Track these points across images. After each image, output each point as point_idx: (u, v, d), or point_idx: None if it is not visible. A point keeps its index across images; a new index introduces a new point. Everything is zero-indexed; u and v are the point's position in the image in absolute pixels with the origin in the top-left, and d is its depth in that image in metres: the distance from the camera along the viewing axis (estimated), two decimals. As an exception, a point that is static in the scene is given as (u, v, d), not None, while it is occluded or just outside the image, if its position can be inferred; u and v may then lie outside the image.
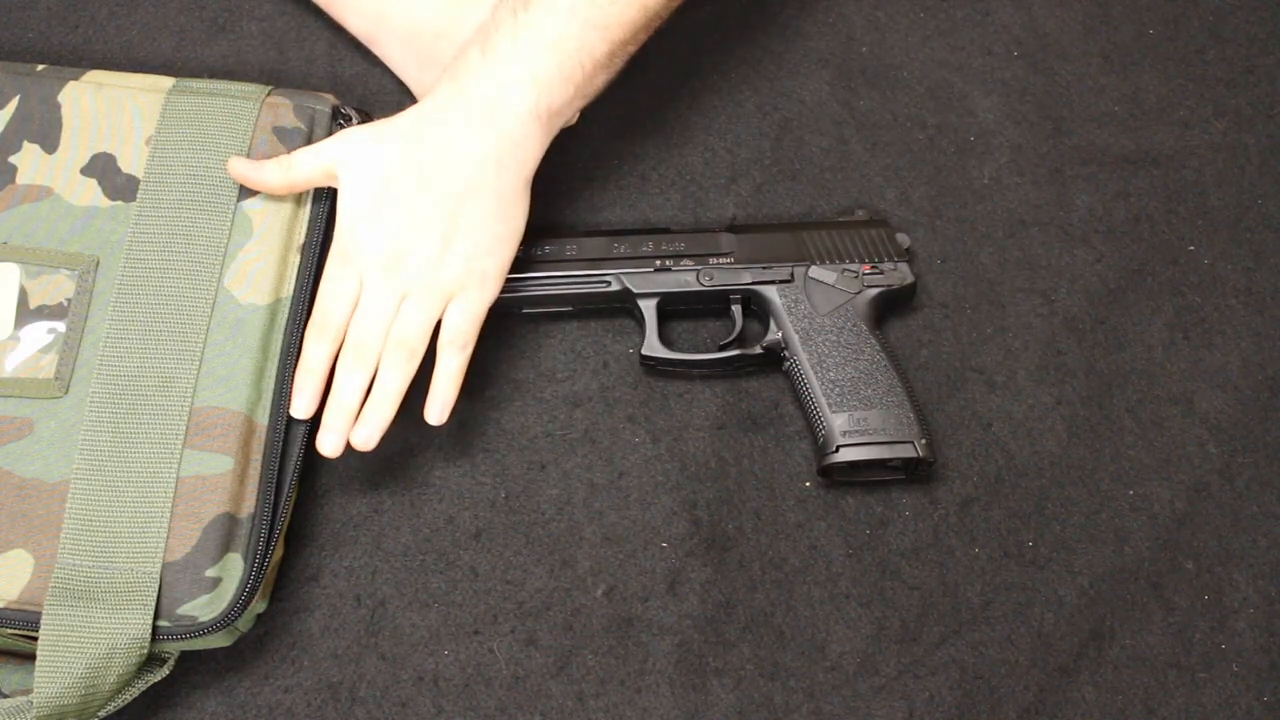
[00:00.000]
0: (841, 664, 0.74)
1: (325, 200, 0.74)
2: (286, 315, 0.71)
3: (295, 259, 0.72)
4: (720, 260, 0.79)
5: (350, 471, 0.77)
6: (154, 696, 0.72)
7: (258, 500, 0.68)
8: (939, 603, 0.75)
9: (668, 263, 0.79)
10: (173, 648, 0.68)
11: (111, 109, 0.73)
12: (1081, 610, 0.75)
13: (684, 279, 0.79)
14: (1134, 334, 0.82)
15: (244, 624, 0.69)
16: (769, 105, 0.87)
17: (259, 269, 0.71)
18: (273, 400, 0.70)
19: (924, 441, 0.75)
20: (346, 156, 0.71)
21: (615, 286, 0.78)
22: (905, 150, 0.86)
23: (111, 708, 0.67)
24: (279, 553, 0.72)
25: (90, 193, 0.71)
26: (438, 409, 0.73)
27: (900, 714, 0.72)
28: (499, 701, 0.72)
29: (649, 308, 0.78)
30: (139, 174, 0.72)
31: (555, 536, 0.76)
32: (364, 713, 0.72)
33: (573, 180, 0.84)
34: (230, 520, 0.67)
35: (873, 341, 0.77)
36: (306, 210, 0.73)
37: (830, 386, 0.76)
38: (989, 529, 0.77)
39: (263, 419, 0.69)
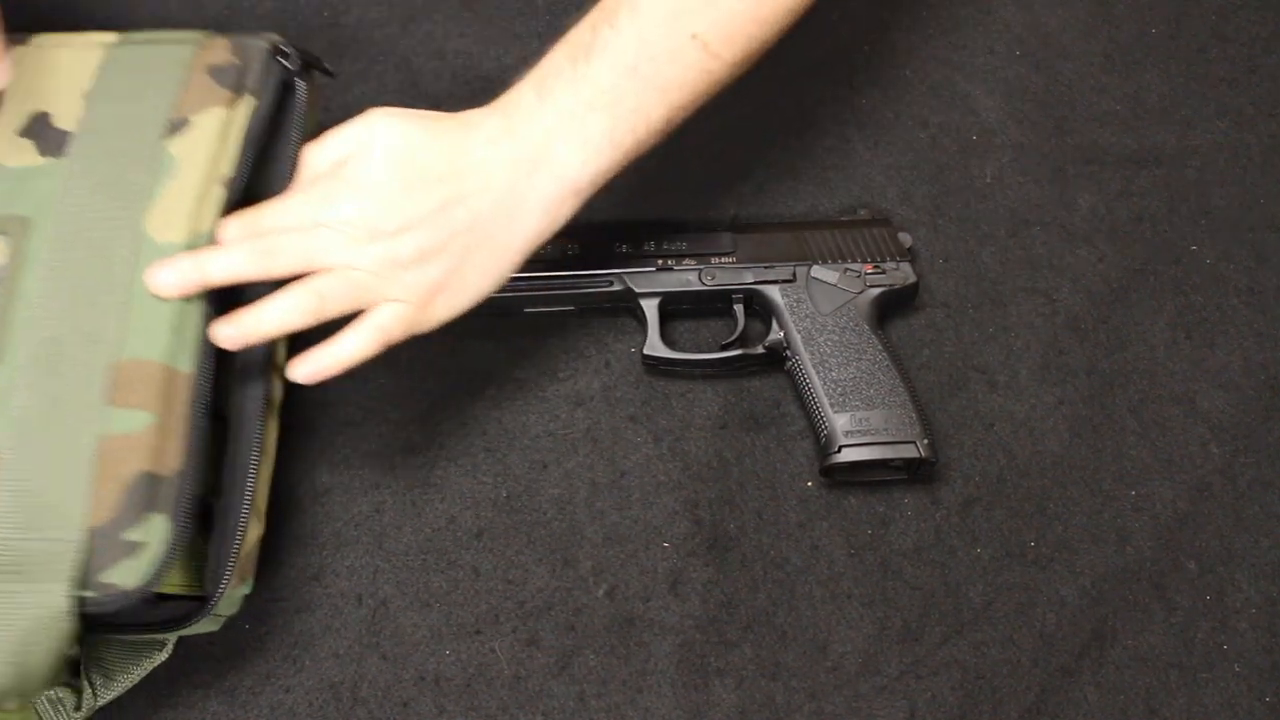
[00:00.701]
0: (843, 664, 0.74)
1: (254, 126, 0.68)
2: None
3: (218, 192, 0.66)
4: (722, 260, 0.79)
5: (351, 470, 0.77)
6: (155, 696, 0.72)
7: (184, 456, 0.63)
8: (941, 602, 0.75)
9: (669, 262, 0.79)
10: (156, 636, 0.67)
11: (53, 69, 0.69)
12: (1083, 610, 0.75)
13: (686, 278, 0.79)
14: (1136, 334, 0.82)
15: (226, 608, 0.67)
16: (770, 104, 0.87)
17: (176, 206, 0.65)
18: (198, 346, 0.64)
19: (926, 441, 0.75)
20: (372, 121, 0.66)
21: (617, 286, 0.78)
22: (907, 149, 0.86)
23: (114, 693, 0.67)
24: (257, 531, 0.69)
25: (26, 154, 0.67)
26: (306, 370, 0.66)
27: (902, 714, 0.72)
28: (500, 701, 0.72)
29: (651, 307, 0.78)
30: (74, 129, 0.67)
31: (557, 536, 0.76)
32: (365, 712, 0.72)
33: (574, 179, 0.84)
34: (152, 479, 0.62)
35: (875, 341, 0.77)
36: (235, 141, 0.67)
37: (832, 386, 0.76)
38: (991, 529, 0.77)
39: (186, 366, 0.63)
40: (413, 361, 0.80)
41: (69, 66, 0.69)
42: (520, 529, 0.76)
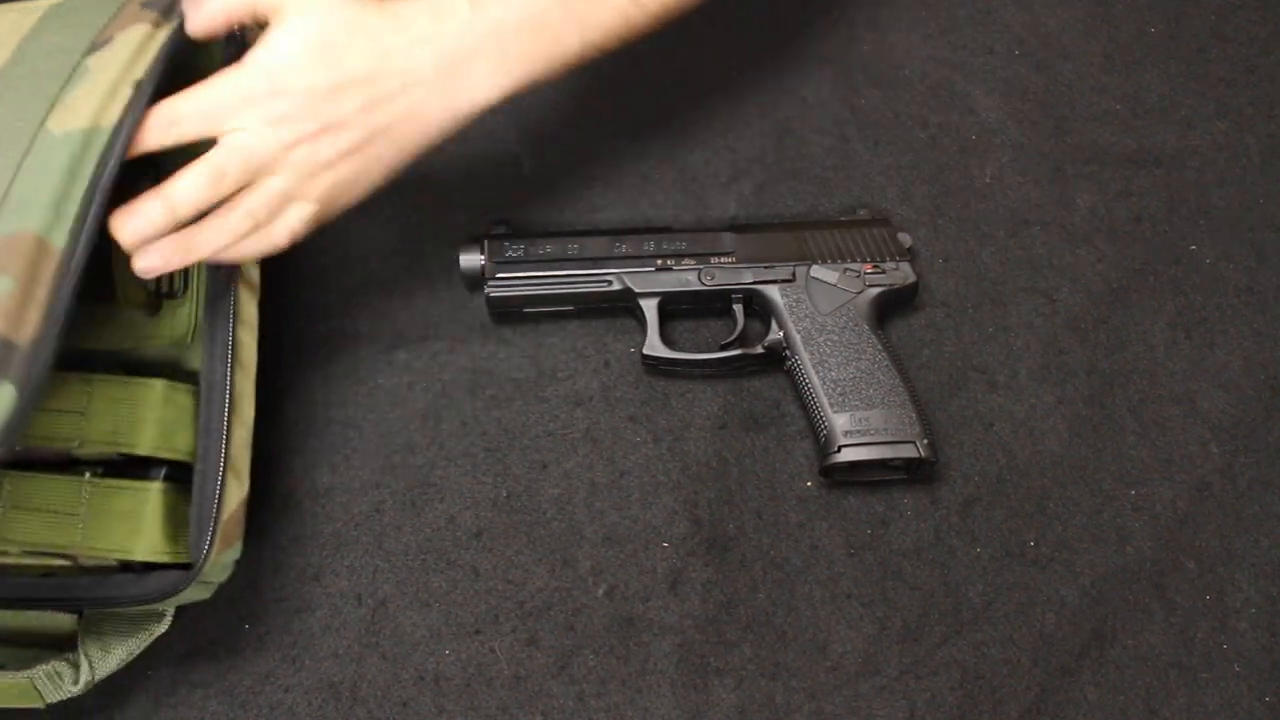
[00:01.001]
0: (843, 664, 0.74)
1: (173, 40, 0.67)
2: (104, 144, 0.64)
3: (127, 92, 0.65)
4: (721, 260, 0.79)
5: (352, 471, 0.77)
6: (155, 696, 0.72)
7: (42, 326, 0.61)
8: (940, 602, 0.75)
9: (669, 262, 0.79)
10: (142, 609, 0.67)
11: (10, 25, 0.70)
12: (1083, 610, 0.75)
13: (685, 278, 0.79)
14: (1136, 333, 0.82)
15: (215, 574, 0.68)
16: (770, 104, 0.87)
17: (82, 105, 0.65)
18: (75, 225, 0.62)
19: (926, 441, 0.75)
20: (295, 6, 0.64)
21: (616, 286, 0.78)
22: (907, 149, 0.86)
23: (112, 666, 0.67)
24: (240, 493, 0.69)
25: None
26: (157, 257, 0.64)
27: (902, 714, 0.72)
28: (500, 701, 0.72)
29: (650, 307, 0.78)
30: (2, 65, 0.67)
31: (556, 536, 0.76)
32: (365, 712, 0.72)
33: (573, 180, 0.84)
34: (4, 344, 0.59)
35: (874, 341, 0.77)
36: (152, 53, 0.66)
37: (832, 386, 0.76)
38: (990, 529, 0.77)
39: (60, 241, 0.62)
40: (412, 362, 0.80)
41: (12, 22, 0.69)
42: (520, 529, 0.76)
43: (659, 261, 0.79)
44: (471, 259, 0.78)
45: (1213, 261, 0.84)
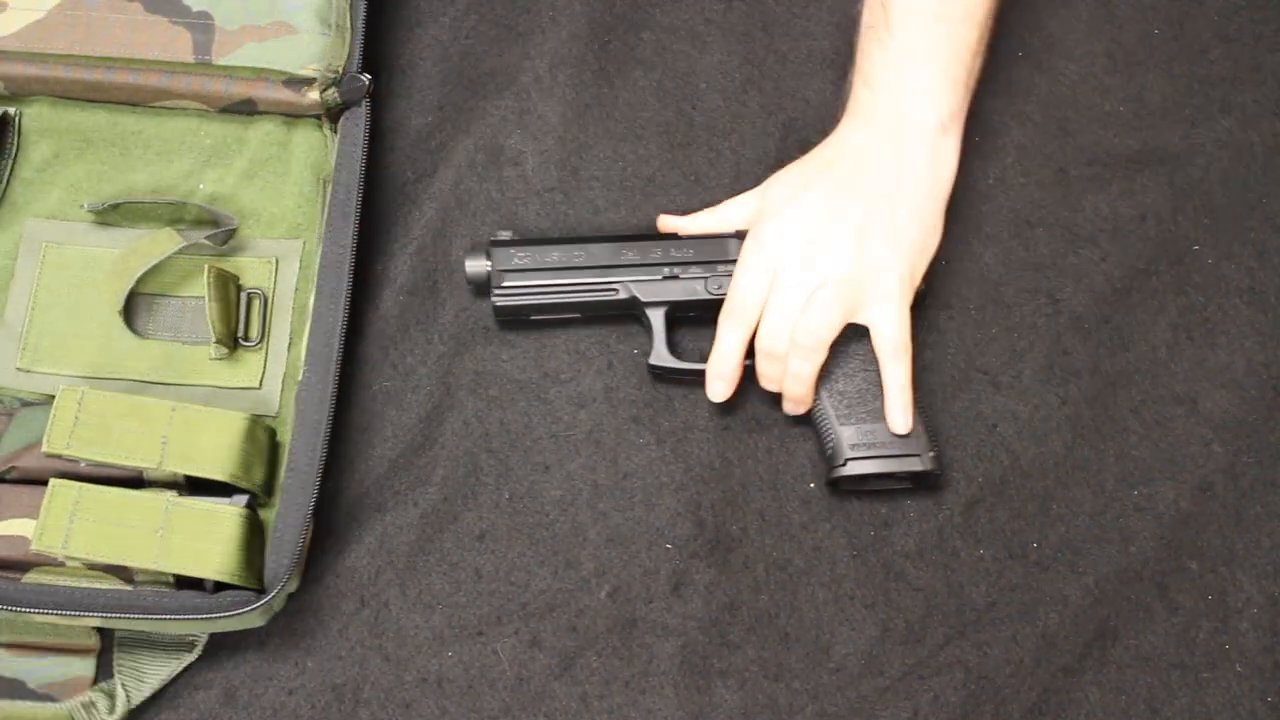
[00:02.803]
0: (846, 665, 0.74)
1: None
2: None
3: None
4: (729, 268, 0.78)
5: (354, 472, 0.77)
6: (156, 696, 0.72)
7: None
8: (944, 604, 0.75)
9: (676, 270, 0.78)
10: (206, 627, 0.69)
11: None
12: (1086, 610, 0.75)
13: (692, 287, 0.78)
14: (1139, 334, 0.82)
15: (277, 602, 0.69)
16: (773, 106, 0.86)
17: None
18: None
19: (932, 454, 0.75)
20: (771, 205, 0.77)
21: (623, 294, 0.78)
22: (909, 150, 0.86)
23: (145, 694, 0.70)
24: (310, 529, 0.71)
25: None
26: (897, 419, 0.75)
27: (905, 715, 0.72)
28: (503, 703, 0.72)
29: (657, 316, 0.78)
30: None
31: (559, 538, 0.76)
32: (367, 714, 0.72)
33: (577, 183, 0.84)
34: None
35: None
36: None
37: (838, 399, 0.75)
38: (994, 530, 0.77)
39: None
40: (414, 363, 0.80)
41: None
42: (522, 530, 0.76)
43: (666, 270, 0.78)
44: (478, 266, 0.78)
45: (1216, 262, 0.84)
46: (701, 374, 0.78)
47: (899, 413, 0.74)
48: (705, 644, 0.74)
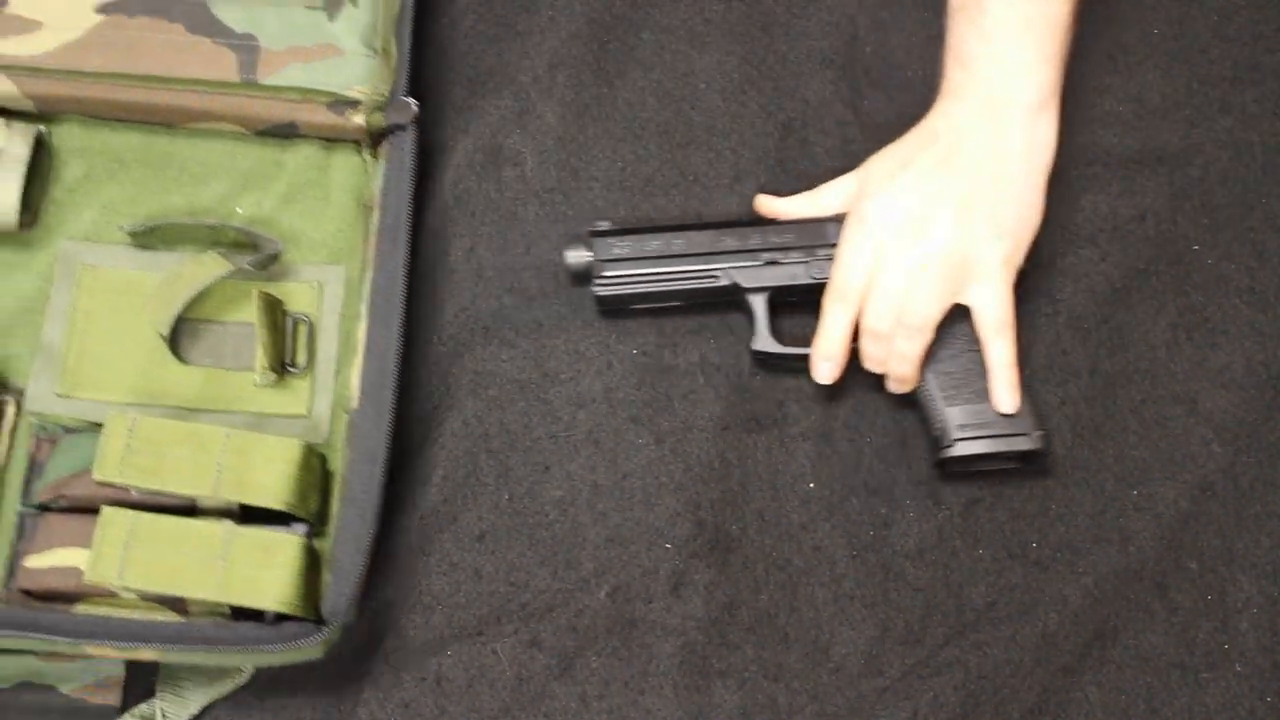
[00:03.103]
0: (845, 665, 0.74)
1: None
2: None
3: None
4: (829, 251, 0.78)
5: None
6: (158, 698, 0.72)
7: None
8: (943, 604, 0.75)
9: (776, 255, 0.78)
10: (266, 659, 0.68)
11: None
12: (1085, 610, 0.75)
13: (793, 272, 0.78)
14: (1138, 334, 0.82)
15: (335, 634, 0.69)
16: (773, 105, 0.86)
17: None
18: None
19: (1040, 433, 0.75)
20: (871, 184, 0.76)
21: (724, 281, 0.77)
22: (909, 150, 0.86)
23: (183, 716, 0.70)
24: (367, 561, 0.70)
25: None
26: (1004, 397, 0.74)
27: (904, 715, 0.72)
28: (502, 703, 0.72)
29: (759, 302, 0.78)
30: None
31: (559, 538, 0.76)
32: (367, 714, 0.72)
33: (576, 183, 0.84)
34: None
35: None
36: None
37: (944, 379, 0.75)
38: (993, 530, 0.77)
39: None
40: (414, 364, 0.80)
41: None
42: (522, 531, 0.76)
43: (766, 255, 0.78)
44: (579, 256, 0.78)
45: (1214, 261, 0.84)
46: (806, 358, 0.77)
47: (1005, 391, 0.74)
48: (705, 644, 0.74)
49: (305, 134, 0.80)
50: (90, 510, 0.69)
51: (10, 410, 0.73)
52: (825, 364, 0.76)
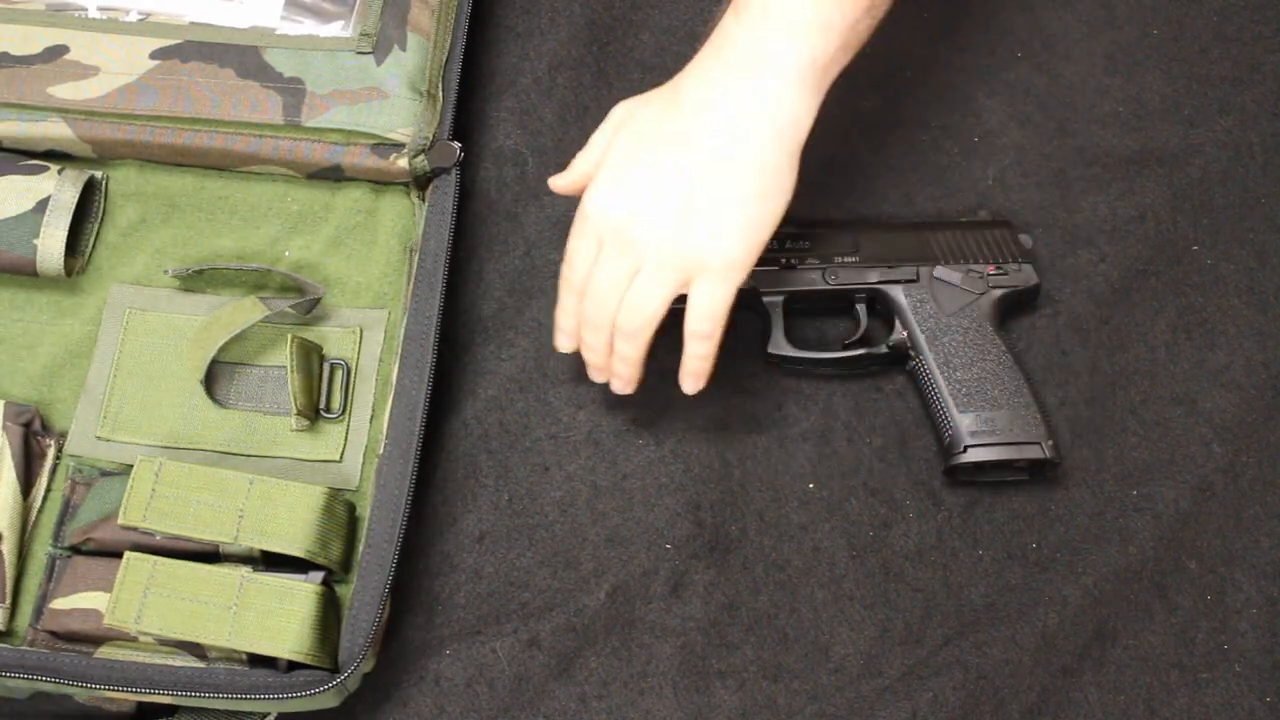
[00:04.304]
0: (845, 666, 0.74)
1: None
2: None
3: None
4: (845, 259, 0.78)
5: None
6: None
7: None
8: (942, 604, 0.75)
9: (793, 261, 0.78)
10: (278, 707, 0.67)
11: None
12: (1085, 611, 0.75)
13: (810, 278, 0.78)
14: (1137, 334, 0.82)
15: (351, 683, 0.68)
16: (772, 105, 0.86)
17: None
18: None
19: (1051, 443, 0.75)
20: (615, 121, 0.72)
21: (743, 284, 0.78)
22: (909, 151, 0.86)
23: None
24: (387, 608, 0.70)
25: None
26: (689, 382, 0.72)
27: (904, 715, 0.72)
28: (501, 703, 0.72)
29: (775, 306, 0.78)
30: None
31: (558, 538, 0.76)
32: (365, 713, 0.72)
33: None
34: None
35: (998, 342, 0.77)
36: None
37: (957, 386, 0.76)
38: (993, 530, 0.77)
39: None
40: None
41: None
42: (522, 531, 0.76)
43: (783, 260, 0.78)
44: None
45: (1214, 262, 0.84)
46: (819, 362, 0.78)
47: (688, 380, 0.72)
48: (704, 644, 0.74)
49: (353, 177, 0.80)
50: (115, 554, 0.69)
51: (50, 453, 0.74)
52: (560, 336, 0.75)
